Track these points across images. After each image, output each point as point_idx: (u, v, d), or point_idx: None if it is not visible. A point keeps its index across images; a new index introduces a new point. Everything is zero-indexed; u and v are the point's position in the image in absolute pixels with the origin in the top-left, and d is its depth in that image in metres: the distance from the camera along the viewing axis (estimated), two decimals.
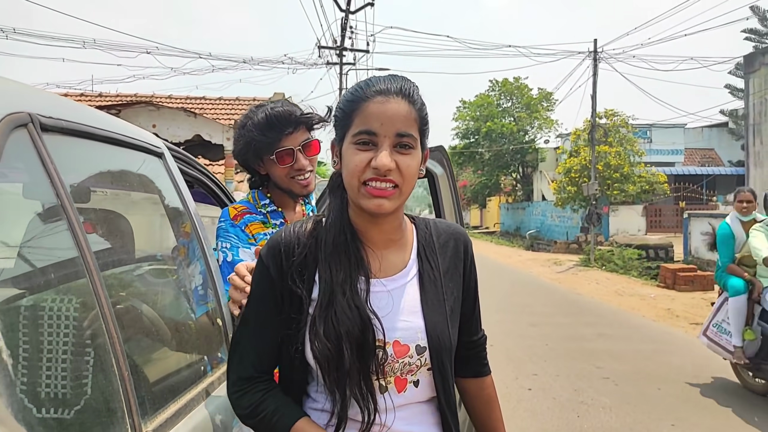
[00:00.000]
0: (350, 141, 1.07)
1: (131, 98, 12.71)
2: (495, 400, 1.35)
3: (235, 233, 1.75)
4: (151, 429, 1.00)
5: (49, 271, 0.94)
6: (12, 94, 0.94)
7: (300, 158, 1.79)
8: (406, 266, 1.16)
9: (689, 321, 9.03)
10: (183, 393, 1.24)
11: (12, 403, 0.70)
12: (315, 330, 1.04)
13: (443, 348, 1.13)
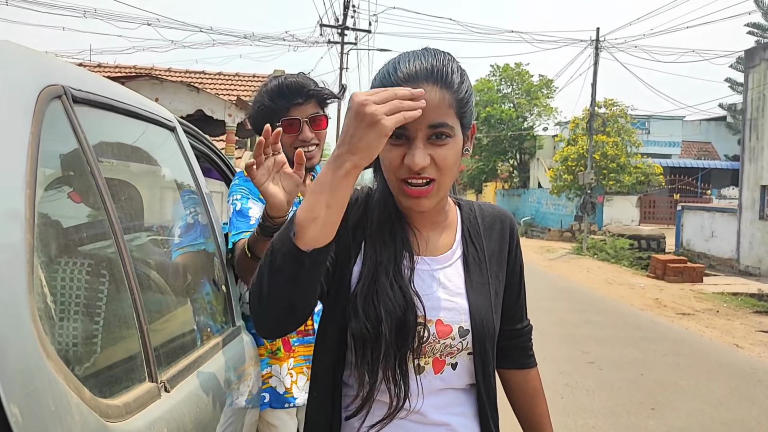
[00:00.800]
0: None
1: (131, 70, 12.66)
2: (541, 393, 1.28)
3: (248, 186, 1.78)
4: (165, 378, 1.10)
5: (82, 232, 1.03)
6: (48, 68, 1.01)
7: (305, 130, 1.81)
8: (451, 247, 1.12)
9: (676, 311, 9.22)
10: (192, 350, 1.34)
11: (55, 344, 0.80)
12: (355, 308, 0.99)
13: (486, 332, 1.08)
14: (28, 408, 0.67)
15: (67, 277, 0.95)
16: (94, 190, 1.04)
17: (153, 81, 5.60)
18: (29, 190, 0.80)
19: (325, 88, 1.89)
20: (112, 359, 1.02)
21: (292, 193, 1.40)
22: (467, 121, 1.04)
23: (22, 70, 0.91)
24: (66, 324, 0.91)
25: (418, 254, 1.07)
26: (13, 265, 0.73)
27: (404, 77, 0.98)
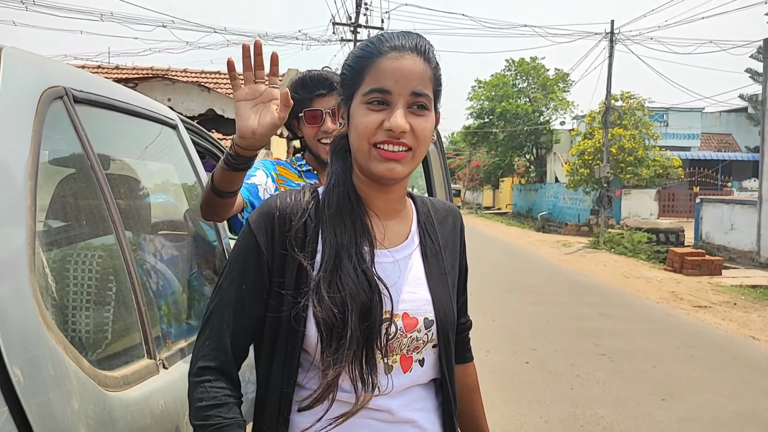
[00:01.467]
0: (360, 100, 1.00)
1: (147, 71, 12.89)
2: (478, 387, 1.31)
3: (263, 163, 1.80)
4: (164, 356, 1.19)
5: (83, 225, 1.12)
6: (50, 70, 1.11)
7: (327, 121, 1.80)
8: (408, 237, 1.10)
9: (693, 304, 9.15)
10: (190, 335, 1.43)
11: (58, 321, 0.89)
12: (319, 294, 0.95)
13: (449, 322, 1.08)
14: (30, 371, 0.76)
15: (71, 263, 1.05)
16: (94, 182, 1.13)
17: (165, 82, 5.74)
18: (30, 181, 0.89)
19: None
20: (112, 337, 1.11)
21: (266, 129, 1.24)
22: (438, 102, 1.07)
23: (25, 73, 1.00)
24: (68, 304, 1.00)
25: (378, 243, 1.04)
26: (16, 248, 0.82)
27: (391, 47, 1.00)
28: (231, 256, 1.04)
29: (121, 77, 8.51)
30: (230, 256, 1.04)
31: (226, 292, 1.00)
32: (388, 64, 0.98)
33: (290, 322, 0.97)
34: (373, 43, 1.02)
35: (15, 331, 0.76)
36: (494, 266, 13.15)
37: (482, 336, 6.62)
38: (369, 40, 1.04)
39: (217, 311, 0.99)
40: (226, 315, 0.99)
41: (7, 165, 0.86)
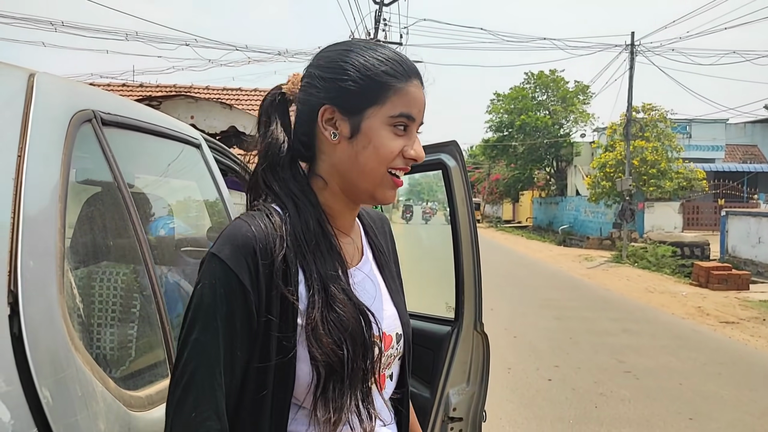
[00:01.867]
0: (385, 121, 0.93)
1: (170, 89, 13.15)
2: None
3: None
4: None
5: (109, 243, 1.14)
6: (79, 94, 1.14)
7: None
8: (363, 251, 1.05)
9: (719, 320, 8.94)
10: None
11: (85, 341, 0.90)
12: (317, 333, 0.86)
13: (410, 332, 1.06)
14: (58, 392, 0.77)
15: (97, 281, 1.06)
16: (121, 203, 1.15)
17: (188, 100, 5.85)
18: (60, 204, 0.91)
19: None
20: (137, 356, 1.12)
21: None
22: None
23: (56, 98, 1.03)
24: (93, 323, 1.01)
25: (348, 263, 0.97)
26: (47, 270, 0.83)
27: (414, 73, 0.97)
28: (201, 301, 0.83)
29: (146, 95, 8.69)
30: (198, 302, 0.83)
31: (208, 346, 0.81)
32: (416, 92, 0.95)
33: (281, 368, 0.86)
34: (399, 63, 0.95)
35: (44, 352, 0.77)
36: (514, 281, 13.02)
37: (503, 352, 6.55)
38: (394, 59, 0.96)
39: (202, 371, 0.81)
40: (215, 374, 0.81)
41: (37, 188, 0.88)
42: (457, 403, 2.24)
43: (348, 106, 0.93)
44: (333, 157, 0.96)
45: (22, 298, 0.76)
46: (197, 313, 0.83)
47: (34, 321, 0.77)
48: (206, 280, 0.84)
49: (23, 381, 0.72)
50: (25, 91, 0.97)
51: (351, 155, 0.94)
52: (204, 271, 0.85)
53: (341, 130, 0.94)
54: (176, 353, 0.84)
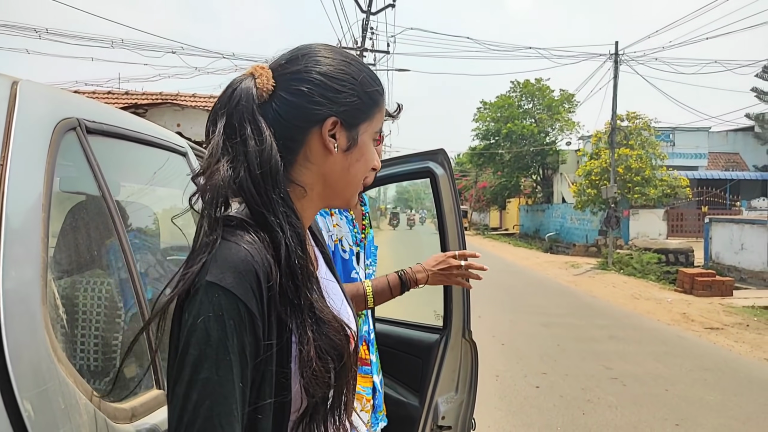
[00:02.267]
0: (372, 135, 0.98)
1: (157, 97, 13.07)
2: None
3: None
4: None
5: (94, 252, 1.13)
6: (64, 102, 1.12)
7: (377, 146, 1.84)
8: (316, 254, 1.03)
9: (704, 326, 9.04)
10: None
11: (68, 352, 0.88)
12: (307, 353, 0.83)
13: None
14: (40, 405, 0.75)
15: (81, 291, 1.05)
16: (105, 211, 1.14)
17: (174, 107, 5.82)
18: (44, 213, 0.89)
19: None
20: (120, 366, 1.10)
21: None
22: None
23: (40, 106, 1.02)
24: (77, 333, 1.00)
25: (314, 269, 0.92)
26: (29, 280, 0.82)
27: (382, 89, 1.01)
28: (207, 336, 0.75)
29: (131, 103, 8.63)
30: (203, 337, 0.75)
31: (223, 384, 0.75)
32: (384, 109, 1.02)
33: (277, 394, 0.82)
34: (379, 83, 1.00)
35: (26, 364, 0.76)
36: (502, 288, 13.06)
37: (491, 360, 6.55)
38: (377, 77, 0.99)
39: (219, 411, 0.74)
40: (233, 411, 0.75)
41: (20, 197, 0.87)
42: (446, 411, 2.23)
43: (351, 120, 0.94)
44: (323, 167, 0.94)
45: (3, 309, 0.74)
46: (205, 349, 0.75)
47: (16, 332, 0.75)
48: (209, 312, 0.76)
49: (4, 394, 0.71)
50: (8, 99, 0.95)
51: (344, 167, 0.95)
52: (202, 302, 0.76)
53: (339, 143, 0.93)
54: (179, 395, 0.74)
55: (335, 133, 0.93)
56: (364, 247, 1.89)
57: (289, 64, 0.93)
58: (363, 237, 1.90)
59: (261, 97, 0.90)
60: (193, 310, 0.76)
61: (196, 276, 0.78)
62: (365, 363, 1.81)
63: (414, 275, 1.74)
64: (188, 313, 0.77)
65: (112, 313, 1.12)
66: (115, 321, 1.13)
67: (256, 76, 0.92)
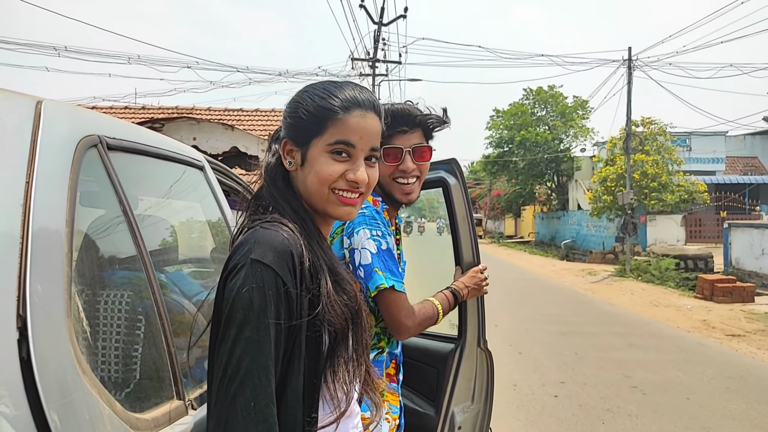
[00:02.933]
0: (323, 149, 1.07)
1: (172, 111, 13.26)
2: None
3: (381, 220, 1.66)
4: (192, 397, 1.20)
5: (114, 264, 1.15)
6: (85, 120, 1.16)
7: (407, 160, 1.71)
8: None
9: (725, 333, 8.88)
10: None
11: (92, 364, 0.91)
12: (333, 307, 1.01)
13: None
14: (66, 416, 0.77)
15: (102, 303, 1.07)
16: (126, 226, 1.17)
17: (191, 122, 5.90)
18: (68, 228, 0.92)
19: (433, 114, 1.78)
20: (142, 379, 1.13)
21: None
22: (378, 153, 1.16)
23: (62, 124, 1.05)
24: (100, 345, 1.02)
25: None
26: (54, 294, 0.84)
27: (354, 103, 1.09)
28: (250, 303, 0.90)
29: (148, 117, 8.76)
30: (246, 303, 0.90)
31: (261, 343, 0.89)
32: (355, 121, 1.08)
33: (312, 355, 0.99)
34: (334, 95, 1.09)
35: (52, 375, 0.78)
36: (519, 296, 12.97)
37: (508, 369, 6.50)
38: (328, 91, 1.10)
39: (257, 365, 0.89)
40: (269, 367, 0.90)
41: (45, 213, 0.89)
42: (462, 421, 2.22)
43: (298, 139, 1.10)
44: (297, 181, 1.12)
45: (30, 323, 0.77)
46: (248, 313, 0.90)
47: (43, 345, 0.78)
48: (253, 283, 0.91)
49: (32, 405, 0.73)
50: (33, 118, 0.98)
51: (303, 180, 1.10)
52: (247, 275, 0.92)
53: (296, 160, 1.11)
54: (225, 351, 0.89)
55: (292, 152, 1.11)
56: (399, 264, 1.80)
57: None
58: (398, 253, 1.82)
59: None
60: (239, 281, 0.92)
61: (242, 255, 0.94)
62: (394, 380, 1.78)
63: (462, 291, 1.88)
64: (234, 285, 0.92)
65: (133, 325, 1.14)
66: (136, 333, 1.16)
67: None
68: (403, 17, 19.96)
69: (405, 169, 1.72)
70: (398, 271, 1.63)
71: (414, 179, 1.75)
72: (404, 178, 1.73)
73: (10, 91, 1.05)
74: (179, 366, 1.20)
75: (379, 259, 1.58)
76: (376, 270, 1.56)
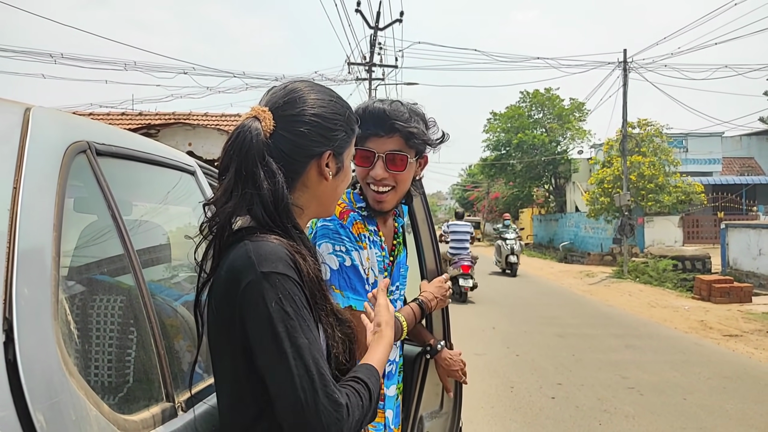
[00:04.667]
0: (350, 158, 1.26)
1: (169, 117, 13.27)
2: None
3: (346, 234, 1.55)
4: (182, 399, 1.21)
5: (103, 268, 1.17)
6: (74, 126, 1.17)
7: (378, 167, 1.58)
8: None
9: (722, 333, 8.90)
10: (207, 378, 1.45)
11: (79, 366, 0.92)
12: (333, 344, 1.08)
13: None
14: (52, 417, 0.79)
15: (91, 307, 1.08)
16: (115, 229, 1.18)
17: (186, 127, 5.92)
18: (55, 233, 0.93)
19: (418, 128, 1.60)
20: (131, 381, 1.14)
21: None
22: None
23: (51, 131, 1.07)
24: (88, 348, 1.03)
25: None
26: (41, 297, 0.86)
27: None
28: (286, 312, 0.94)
29: (145, 123, 8.78)
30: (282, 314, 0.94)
31: (315, 341, 0.97)
32: None
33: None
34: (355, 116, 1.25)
35: (39, 377, 0.79)
36: (516, 299, 12.98)
37: (506, 371, 6.51)
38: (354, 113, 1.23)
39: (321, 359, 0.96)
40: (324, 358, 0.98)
41: (32, 218, 0.91)
42: (431, 426, 2.19)
43: (340, 151, 1.15)
44: (318, 189, 1.14)
45: (16, 325, 0.78)
46: (290, 323, 0.94)
47: (29, 347, 0.79)
48: (279, 294, 0.95)
49: (18, 406, 0.74)
50: (21, 125, 1.00)
51: (333, 187, 1.16)
52: (268, 289, 0.94)
53: (331, 170, 1.14)
54: (291, 365, 0.92)
55: (329, 162, 1.13)
56: (391, 273, 1.77)
57: (287, 107, 1.10)
58: (391, 261, 1.76)
59: (265, 137, 1.06)
60: (261, 298, 0.94)
61: (248, 272, 0.95)
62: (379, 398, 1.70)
63: (429, 303, 1.85)
64: (257, 302, 0.94)
65: (123, 329, 1.16)
66: (126, 336, 1.17)
67: (260, 119, 1.07)
68: (399, 21, 20.02)
69: (375, 176, 1.59)
70: (363, 288, 1.52)
71: (386, 188, 1.61)
72: (375, 186, 1.61)
73: (0, 99, 1.07)
74: (168, 368, 1.21)
75: (339, 276, 1.49)
76: (332, 288, 1.48)
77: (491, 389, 5.82)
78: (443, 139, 1.75)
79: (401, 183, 1.64)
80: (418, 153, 1.66)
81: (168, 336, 1.31)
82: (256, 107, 1.10)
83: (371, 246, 1.64)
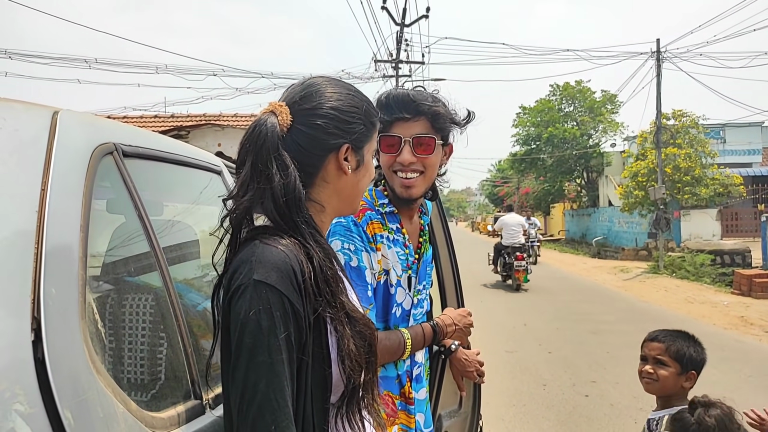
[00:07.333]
0: (373, 153, 1.22)
1: (200, 118, 13.50)
2: None
3: (358, 233, 1.51)
4: (210, 397, 1.23)
5: (132, 269, 1.19)
6: (101, 128, 1.19)
7: (405, 151, 1.54)
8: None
9: (764, 329, 8.61)
10: None
11: (107, 364, 0.94)
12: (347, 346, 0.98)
13: None
14: (80, 414, 0.80)
15: (118, 306, 1.10)
16: (142, 229, 1.20)
17: (215, 128, 6.01)
18: (82, 233, 0.95)
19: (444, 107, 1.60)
20: (159, 379, 1.15)
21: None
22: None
23: (78, 133, 1.09)
24: (116, 347, 1.05)
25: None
26: (69, 296, 0.87)
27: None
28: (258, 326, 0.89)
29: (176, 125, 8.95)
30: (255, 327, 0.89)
31: (275, 366, 0.88)
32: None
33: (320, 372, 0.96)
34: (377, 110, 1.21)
35: (66, 375, 0.81)
36: (548, 295, 12.81)
37: (538, 369, 6.42)
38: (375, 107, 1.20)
39: (274, 388, 0.87)
40: (284, 389, 0.88)
41: (60, 219, 0.93)
42: (449, 425, 2.15)
43: (358, 144, 1.12)
44: (338, 184, 1.12)
45: (44, 325, 0.80)
46: (258, 337, 0.89)
47: (57, 346, 0.81)
48: (259, 306, 0.90)
49: (46, 403, 0.76)
50: (49, 128, 1.02)
51: (354, 182, 1.13)
52: (252, 297, 0.90)
53: (351, 164, 1.11)
54: (239, 377, 0.88)
55: (347, 156, 1.10)
56: (417, 271, 1.70)
57: (303, 101, 1.08)
58: (416, 258, 1.70)
59: (282, 131, 1.04)
60: (244, 305, 0.90)
61: (244, 275, 0.92)
62: (409, 402, 1.66)
63: (445, 329, 1.72)
64: (240, 308, 0.90)
65: (151, 327, 1.17)
66: (153, 335, 1.19)
67: (276, 113, 1.06)
68: (425, 17, 19.93)
69: (402, 161, 1.56)
70: (364, 292, 1.47)
71: (415, 174, 1.58)
72: (402, 172, 1.57)
73: (29, 103, 1.09)
74: (196, 366, 1.22)
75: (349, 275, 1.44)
76: None
77: (523, 387, 5.75)
78: (469, 118, 1.71)
79: (429, 168, 1.61)
80: (444, 137, 1.64)
81: (195, 334, 1.33)
82: (273, 102, 1.09)
83: (392, 245, 1.60)
